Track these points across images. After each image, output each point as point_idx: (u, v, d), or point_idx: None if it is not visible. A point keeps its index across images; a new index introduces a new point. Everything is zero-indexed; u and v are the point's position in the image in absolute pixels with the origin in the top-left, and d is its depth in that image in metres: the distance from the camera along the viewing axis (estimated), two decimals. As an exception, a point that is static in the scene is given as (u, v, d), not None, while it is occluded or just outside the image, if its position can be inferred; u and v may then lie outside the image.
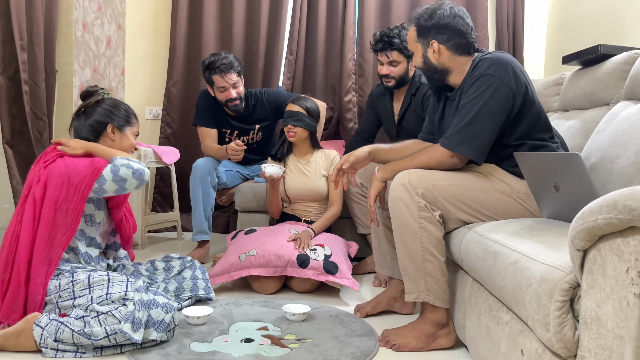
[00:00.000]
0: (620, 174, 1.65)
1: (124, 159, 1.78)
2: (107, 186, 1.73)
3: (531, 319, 1.14)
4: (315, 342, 1.74)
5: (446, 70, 1.85)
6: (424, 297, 1.71)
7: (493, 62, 1.72)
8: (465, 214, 1.72)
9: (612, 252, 0.96)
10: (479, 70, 1.73)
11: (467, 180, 1.74)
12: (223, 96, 2.90)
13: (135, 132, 1.97)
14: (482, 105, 1.69)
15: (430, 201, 1.67)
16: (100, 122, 1.88)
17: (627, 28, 2.81)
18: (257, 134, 3.13)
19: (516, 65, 1.74)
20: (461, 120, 1.72)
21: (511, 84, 1.69)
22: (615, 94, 2.15)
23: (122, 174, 1.74)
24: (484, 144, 1.71)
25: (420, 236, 1.67)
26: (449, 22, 1.81)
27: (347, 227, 2.88)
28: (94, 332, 1.51)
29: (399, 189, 1.68)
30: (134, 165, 1.77)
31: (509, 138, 1.78)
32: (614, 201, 0.93)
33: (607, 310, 0.96)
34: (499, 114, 1.69)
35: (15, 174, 2.51)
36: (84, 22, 3.13)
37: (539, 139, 1.79)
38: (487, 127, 1.69)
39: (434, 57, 1.84)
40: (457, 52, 1.83)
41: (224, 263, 2.28)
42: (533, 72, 3.83)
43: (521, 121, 1.76)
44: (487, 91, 1.69)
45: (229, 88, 2.87)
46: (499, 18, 3.73)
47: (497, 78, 1.69)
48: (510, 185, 1.76)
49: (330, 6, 3.67)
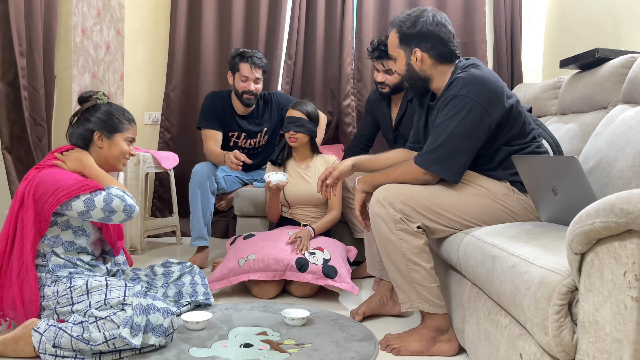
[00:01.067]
0: (619, 177, 1.66)
1: (120, 190, 1.76)
2: (95, 213, 1.71)
3: (530, 323, 1.14)
4: (314, 346, 1.74)
5: (428, 78, 1.86)
6: (418, 306, 1.72)
7: (467, 82, 1.71)
8: (446, 223, 1.73)
9: (610, 255, 0.96)
10: (453, 90, 1.73)
11: (443, 189, 1.75)
12: (242, 86, 2.93)
13: (127, 138, 1.93)
14: (456, 125, 1.69)
15: (408, 214, 1.68)
16: (87, 130, 1.86)
17: (624, 31, 2.82)
18: (263, 137, 3.14)
19: (491, 81, 1.71)
20: (435, 140, 1.73)
21: (485, 104, 1.68)
22: (613, 98, 2.16)
23: (113, 206, 1.72)
24: (459, 164, 1.72)
25: (400, 247, 1.68)
26: (432, 30, 1.79)
27: (346, 232, 2.89)
28: (93, 337, 1.51)
29: (376, 205, 1.71)
30: (127, 200, 1.74)
31: (487, 149, 1.79)
32: (611, 204, 0.93)
33: (605, 313, 0.96)
34: (473, 134, 1.70)
35: (15, 179, 2.51)
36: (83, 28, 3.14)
37: (517, 143, 1.80)
38: (461, 147, 1.70)
39: (417, 65, 1.84)
40: (439, 60, 1.83)
41: (223, 268, 2.28)
42: (531, 76, 3.84)
43: (499, 135, 1.77)
44: (461, 112, 1.69)
45: (251, 80, 2.91)
46: (497, 22, 3.74)
47: (470, 99, 1.68)
48: (487, 187, 1.77)
49: (328, 11, 3.69)
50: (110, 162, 1.90)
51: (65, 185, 1.69)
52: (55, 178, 1.71)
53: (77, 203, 1.70)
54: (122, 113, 1.92)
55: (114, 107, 1.92)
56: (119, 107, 1.94)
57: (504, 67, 3.72)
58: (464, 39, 3.74)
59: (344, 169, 1.98)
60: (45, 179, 1.71)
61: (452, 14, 3.71)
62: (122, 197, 1.74)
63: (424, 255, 1.70)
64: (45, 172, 1.75)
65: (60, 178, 1.71)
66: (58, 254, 1.76)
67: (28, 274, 1.68)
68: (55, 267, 1.74)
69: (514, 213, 1.76)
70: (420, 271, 1.69)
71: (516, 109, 1.78)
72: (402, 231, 1.68)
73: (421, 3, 3.68)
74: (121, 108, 1.94)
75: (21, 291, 1.68)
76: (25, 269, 1.69)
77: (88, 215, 1.72)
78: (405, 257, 1.69)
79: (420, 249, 1.69)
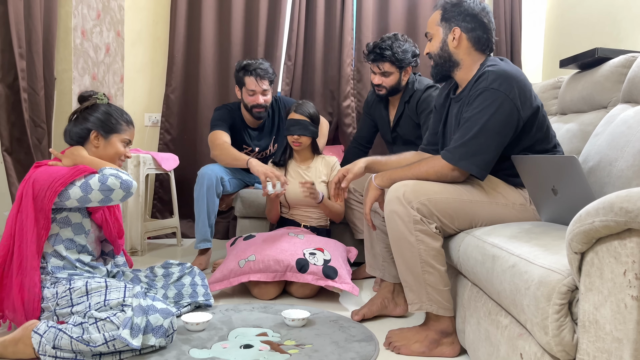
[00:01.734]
0: (619, 176, 1.65)
1: (113, 169, 1.77)
2: (93, 195, 1.72)
3: (530, 323, 1.13)
4: (314, 347, 1.74)
5: (457, 63, 1.83)
6: (427, 307, 1.70)
7: (498, 76, 1.68)
8: (458, 227, 1.72)
9: (610, 254, 0.96)
10: (484, 83, 1.70)
11: (462, 193, 1.71)
12: (250, 100, 2.85)
13: (124, 140, 1.92)
14: (487, 120, 1.66)
15: (426, 215, 1.65)
16: (84, 129, 1.87)
17: (624, 31, 2.82)
18: (274, 146, 3.12)
19: (521, 79, 1.70)
20: (465, 134, 1.69)
21: (515, 100, 1.66)
22: (613, 97, 2.16)
23: (109, 184, 1.73)
24: (488, 160, 1.68)
25: (417, 249, 1.65)
26: (477, 13, 1.79)
27: (346, 233, 2.88)
28: (93, 338, 1.51)
29: (394, 202, 1.67)
30: (122, 176, 1.76)
31: (512, 150, 1.76)
32: (611, 203, 0.93)
33: (605, 313, 0.96)
34: (503, 129, 1.67)
35: (15, 181, 2.51)
36: (83, 30, 3.14)
37: (541, 150, 1.78)
38: (491, 143, 1.67)
39: (452, 45, 1.81)
40: (475, 45, 1.81)
41: (223, 269, 2.28)
42: (531, 76, 3.84)
43: (526, 136, 1.74)
44: (492, 106, 1.66)
45: (259, 93, 2.84)
46: (496, 22, 3.73)
47: (502, 93, 1.66)
48: (505, 196, 1.75)
49: (328, 12, 3.69)
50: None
51: (59, 175, 1.71)
52: (49, 172, 1.73)
53: (74, 190, 1.71)
54: (121, 114, 1.92)
55: (113, 108, 1.92)
56: (118, 108, 1.94)
57: (503, 67, 3.72)
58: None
59: (358, 171, 1.96)
60: (41, 175, 1.73)
61: (451, 15, 3.71)
62: (117, 175, 1.75)
63: (439, 258, 1.67)
64: (40, 170, 1.76)
65: (53, 171, 1.73)
66: (59, 253, 1.76)
67: (30, 276, 1.68)
68: (54, 269, 1.74)
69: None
70: (435, 274, 1.67)
71: (542, 111, 1.76)
72: (422, 232, 1.65)
73: (421, 4, 3.68)
74: (120, 109, 1.94)
75: (21, 292, 1.68)
76: (24, 270, 1.69)
77: (87, 200, 1.72)
78: (422, 259, 1.66)
79: (437, 251, 1.66)
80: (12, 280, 1.70)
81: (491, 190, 1.76)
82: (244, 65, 2.84)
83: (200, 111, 3.75)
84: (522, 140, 1.75)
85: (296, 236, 2.41)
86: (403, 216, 1.65)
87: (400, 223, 1.66)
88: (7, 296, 1.71)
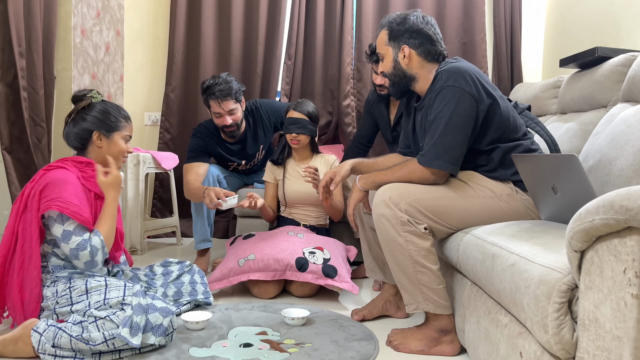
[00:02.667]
0: (619, 175, 1.65)
1: (100, 242, 1.71)
2: (63, 247, 1.68)
3: (530, 321, 1.13)
4: (314, 346, 1.74)
5: (413, 77, 1.86)
6: (424, 307, 1.71)
7: (451, 73, 1.71)
8: (451, 225, 1.73)
9: (610, 252, 0.96)
10: (440, 83, 1.73)
11: (448, 191, 1.73)
12: (218, 122, 2.74)
13: (125, 136, 1.90)
14: (450, 116, 1.69)
15: (414, 215, 1.67)
16: (85, 130, 1.84)
17: (624, 30, 2.81)
18: (261, 153, 3.06)
19: (474, 71, 1.73)
20: (433, 135, 1.72)
21: (472, 91, 1.69)
22: (613, 96, 2.16)
23: (81, 254, 1.67)
24: (458, 155, 1.71)
25: (408, 250, 1.66)
26: (422, 27, 1.82)
27: (346, 231, 2.89)
28: (92, 337, 1.51)
29: (381, 205, 1.68)
30: (96, 256, 1.70)
31: (481, 144, 1.78)
32: (611, 201, 0.93)
33: (605, 311, 0.96)
34: (467, 122, 1.69)
35: (14, 180, 2.51)
36: (83, 29, 3.14)
37: (512, 139, 1.80)
38: (458, 137, 1.69)
39: (404, 62, 1.85)
40: (426, 58, 1.84)
41: (222, 268, 2.28)
42: (531, 75, 3.84)
43: (490, 126, 1.76)
44: (451, 102, 1.69)
45: (225, 115, 2.70)
46: (496, 22, 3.73)
47: (458, 88, 1.69)
48: (491, 189, 1.76)
49: (328, 11, 3.69)
50: None
51: (65, 199, 1.67)
52: (60, 177, 1.70)
53: (58, 228, 1.68)
54: (118, 111, 1.90)
55: (109, 105, 1.90)
56: (113, 104, 1.92)
57: (503, 66, 3.72)
58: (464, 38, 3.73)
59: (345, 173, 1.99)
60: (55, 183, 1.70)
61: (451, 14, 3.71)
62: (94, 252, 1.70)
63: (431, 257, 1.68)
64: (57, 175, 1.72)
65: (67, 190, 1.69)
66: (58, 255, 1.75)
67: (32, 275, 1.67)
68: (54, 268, 1.74)
69: (517, 214, 1.75)
70: (427, 273, 1.68)
71: (503, 102, 1.78)
72: (410, 233, 1.66)
73: (420, 3, 3.68)
74: (116, 105, 1.92)
75: (20, 292, 1.68)
76: (26, 269, 1.68)
77: (57, 244, 1.70)
78: (413, 260, 1.67)
79: (427, 250, 1.67)
80: (13, 278, 1.70)
81: (476, 185, 1.77)
82: (205, 88, 2.70)
83: (200, 110, 3.75)
84: (489, 131, 1.77)
85: (296, 235, 2.41)
86: (390, 219, 1.66)
87: (388, 226, 1.67)
88: (8, 294, 1.71)
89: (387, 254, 1.72)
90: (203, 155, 2.82)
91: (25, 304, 1.68)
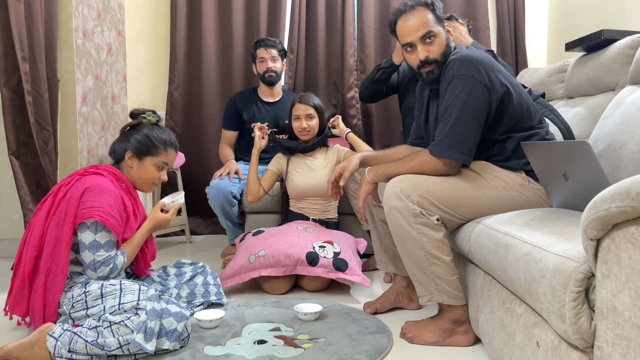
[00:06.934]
0: (630, 159, 1.64)
1: (122, 262, 1.73)
2: (86, 255, 1.68)
3: (546, 311, 1.12)
4: (328, 341, 1.74)
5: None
6: (437, 299, 1.70)
7: (463, 62, 1.69)
8: (463, 215, 1.71)
9: (627, 240, 0.94)
10: (452, 72, 1.70)
11: (460, 182, 1.71)
12: (262, 67, 3.09)
13: (159, 163, 1.89)
14: (462, 106, 1.66)
15: (426, 207, 1.65)
16: (123, 148, 1.88)
17: (630, 11, 2.78)
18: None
19: (486, 60, 1.70)
20: (445, 126, 1.69)
21: (484, 81, 1.67)
22: (621, 79, 2.13)
23: (99, 268, 1.68)
24: (471, 145, 1.69)
25: (420, 241, 1.65)
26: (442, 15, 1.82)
27: (354, 224, 2.88)
28: (107, 342, 1.51)
29: (392, 197, 1.67)
30: (111, 274, 1.71)
31: (495, 133, 1.76)
32: (627, 189, 0.92)
33: (624, 299, 0.95)
34: (479, 112, 1.67)
35: (23, 184, 2.52)
36: (84, 30, 3.13)
37: (526, 128, 1.77)
38: (471, 128, 1.67)
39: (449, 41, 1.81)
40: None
41: (233, 265, 2.28)
42: (536, 60, 3.80)
43: (504, 115, 1.74)
44: (464, 91, 1.66)
45: (268, 59, 3.06)
46: (499, 7, 3.70)
47: (470, 77, 1.66)
48: (504, 179, 1.75)
49: (329, 3, 3.66)
50: (137, 184, 1.91)
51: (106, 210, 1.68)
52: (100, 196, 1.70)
53: (89, 236, 1.68)
54: (160, 137, 1.89)
55: (155, 130, 1.90)
56: (163, 130, 1.91)
57: (507, 52, 3.69)
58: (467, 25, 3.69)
59: (353, 167, 1.97)
60: (94, 189, 1.70)
61: (454, 0, 3.68)
62: (113, 269, 1.71)
63: (444, 248, 1.67)
64: (96, 181, 1.72)
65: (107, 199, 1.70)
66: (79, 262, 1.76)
67: (58, 280, 1.68)
68: (72, 274, 1.76)
69: (530, 204, 1.73)
70: (441, 265, 1.67)
71: (517, 89, 1.76)
72: (422, 225, 1.65)
73: (422, -9, 3.64)
74: (164, 132, 1.91)
75: (44, 295, 1.69)
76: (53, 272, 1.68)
77: (81, 249, 1.70)
78: (426, 251, 1.66)
79: (440, 242, 1.66)
80: (38, 281, 1.70)
81: (488, 176, 1.75)
82: (255, 41, 3.17)
83: (204, 108, 3.74)
84: (503, 120, 1.74)
85: (305, 230, 2.40)
86: (402, 211, 1.65)
87: (400, 218, 1.66)
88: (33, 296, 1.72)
89: (399, 246, 1.71)
90: (232, 121, 3.20)
91: (47, 307, 1.69)
